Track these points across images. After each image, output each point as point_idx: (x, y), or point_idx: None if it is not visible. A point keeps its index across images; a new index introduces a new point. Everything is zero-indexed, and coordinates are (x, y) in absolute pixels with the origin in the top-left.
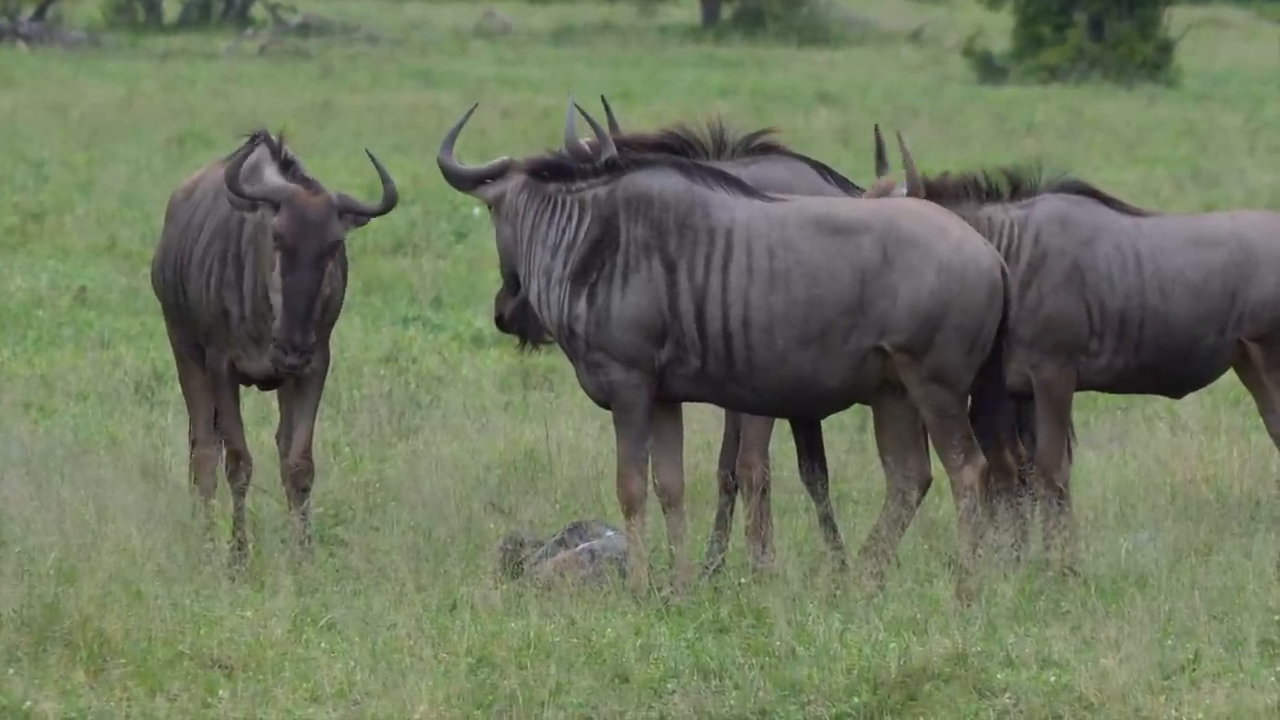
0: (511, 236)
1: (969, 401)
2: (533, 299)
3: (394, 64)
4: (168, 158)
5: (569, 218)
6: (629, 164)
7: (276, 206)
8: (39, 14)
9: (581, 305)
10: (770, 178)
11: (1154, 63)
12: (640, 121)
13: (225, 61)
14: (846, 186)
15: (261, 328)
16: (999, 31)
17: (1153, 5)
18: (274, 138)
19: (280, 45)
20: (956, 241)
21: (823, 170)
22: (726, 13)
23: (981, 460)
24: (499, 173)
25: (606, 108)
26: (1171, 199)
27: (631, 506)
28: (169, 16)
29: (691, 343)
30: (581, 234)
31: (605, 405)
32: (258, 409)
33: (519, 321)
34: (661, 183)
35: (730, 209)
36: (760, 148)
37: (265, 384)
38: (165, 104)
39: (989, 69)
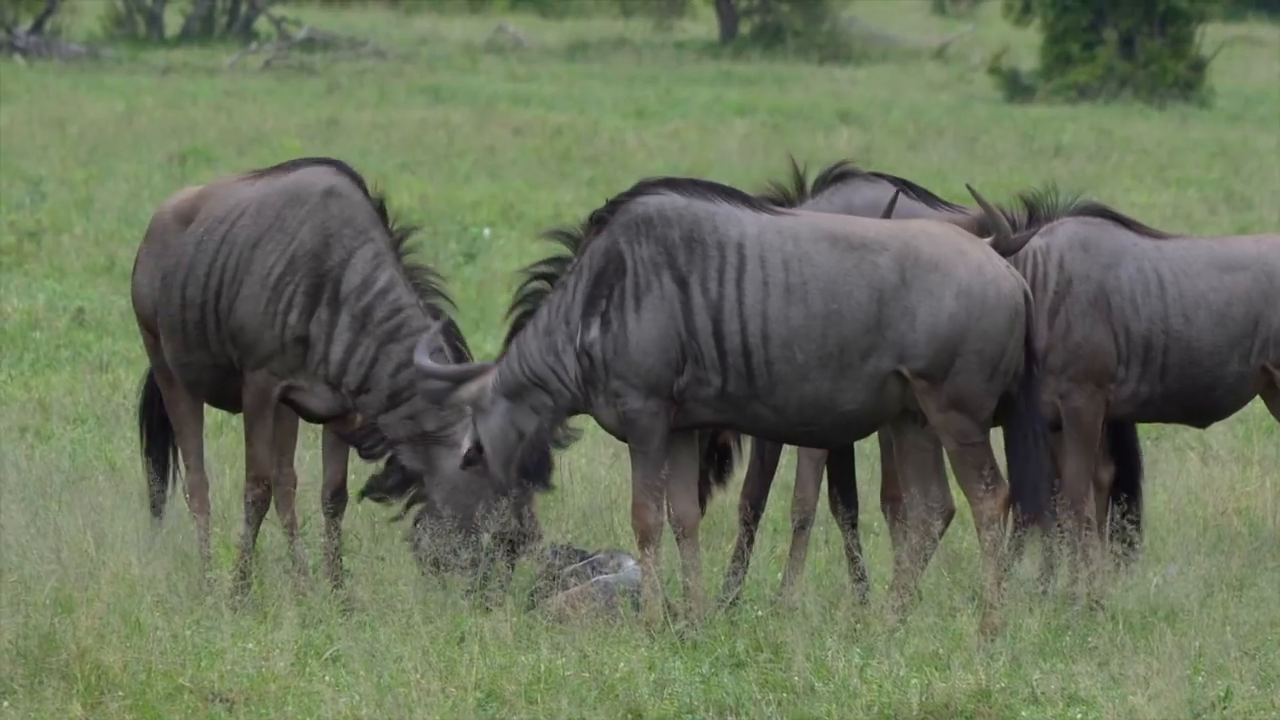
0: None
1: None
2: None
3: (402, 80)
4: (169, 175)
5: (565, 288)
6: (617, 203)
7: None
8: (37, 26)
9: (595, 333)
10: (855, 203)
11: (1186, 81)
12: (655, 140)
13: (228, 76)
14: (930, 201)
15: (344, 381)
16: (1026, 49)
17: (1185, 22)
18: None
19: (285, 60)
20: (977, 265)
21: (905, 187)
22: (745, 28)
23: (1005, 490)
24: (477, 373)
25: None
26: (1204, 222)
27: (647, 537)
28: (171, 30)
29: (711, 361)
30: (582, 285)
31: (623, 437)
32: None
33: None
34: (659, 201)
35: (739, 222)
36: (838, 176)
37: (320, 419)
38: (166, 120)
39: (1016, 87)
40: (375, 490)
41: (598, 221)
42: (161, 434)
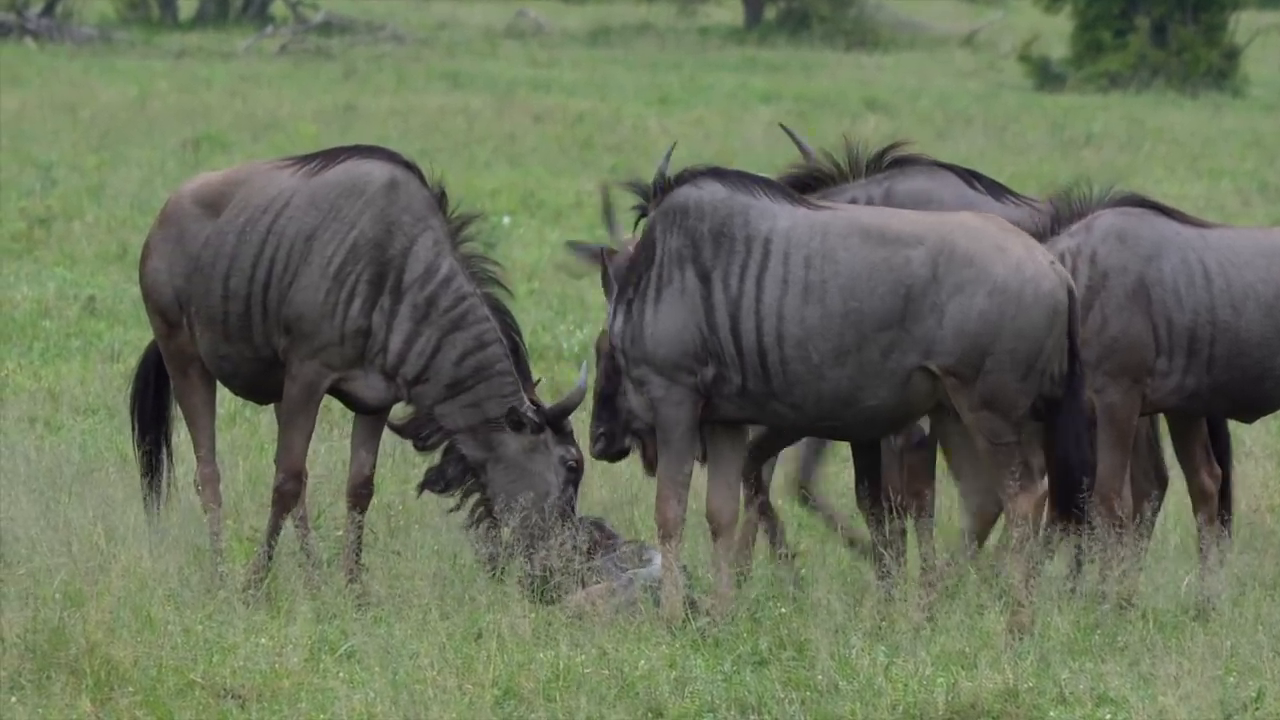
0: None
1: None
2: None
3: (421, 65)
4: (182, 161)
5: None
6: (676, 181)
7: (568, 436)
8: (48, 9)
9: (619, 321)
10: (911, 190)
11: (1220, 70)
12: (679, 128)
13: (243, 61)
14: (997, 193)
15: (401, 371)
16: (1057, 36)
17: (1219, 10)
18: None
19: (301, 44)
20: (1015, 262)
21: (970, 178)
22: (770, 13)
23: (1039, 489)
24: None
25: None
26: (1237, 214)
27: (667, 531)
28: (185, 13)
29: (730, 358)
30: (622, 271)
31: (652, 429)
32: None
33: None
34: (700, 193)
35: (772, 217)
36: (896, 161)
37: (369, 410)
38: (180, 105)
39: (1046, 75)
40: (436, 483)
41: (655, 195)
42: (155, 424)
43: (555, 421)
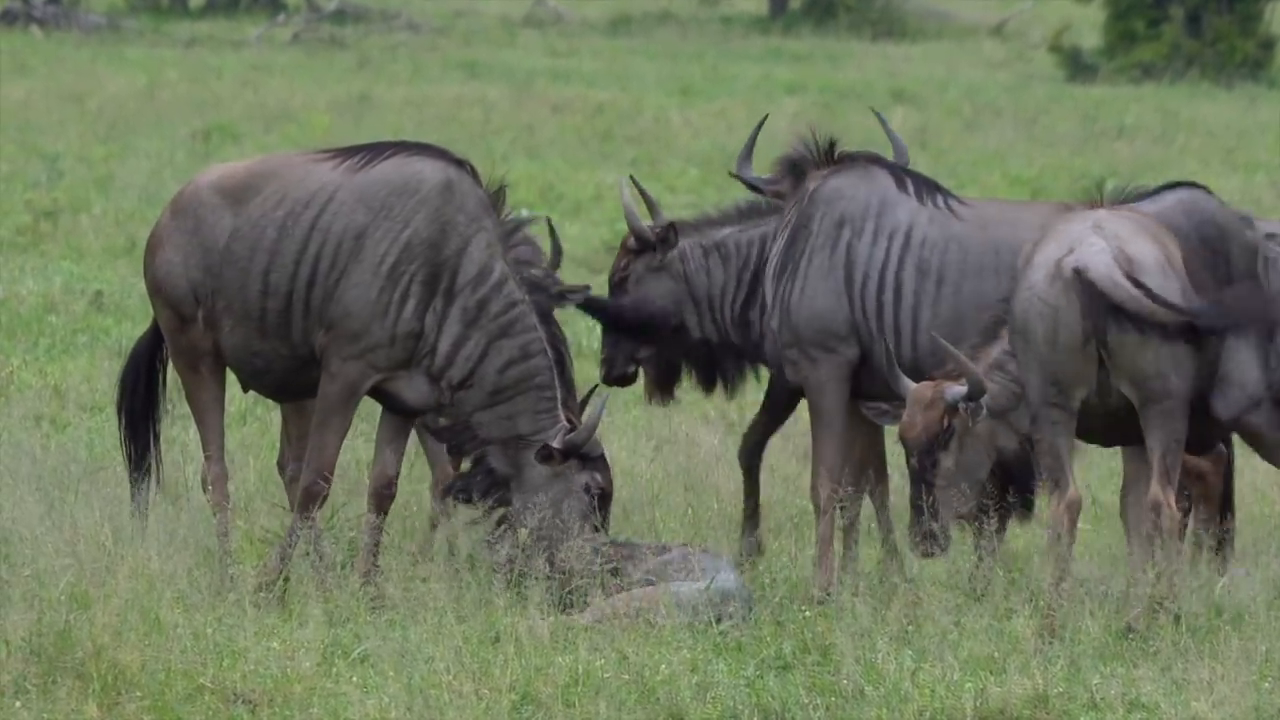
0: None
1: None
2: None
3: (437, 54)
4: (192, 153)
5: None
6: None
7: (597, 462)
8: None
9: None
10: (834, 188)
11: (1255, 61)
12: (701, 120)
13: (255, 50)
14: (925, 193)
15: (448, 374)
16: (1089, 26)
17: None
18: None
19: (314, 33)
20: (1022, 264)
21: (901, 177)
22: (795, 2)
23: (1071, 497)
24: None
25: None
26: (1273, 208)
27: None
28: (195, 0)
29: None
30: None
31: None
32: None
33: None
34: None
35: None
36: (843, 157)
37: (411, 412)
38: (190, 95)
39: (1078, 66)
40: (462, 490)
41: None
42: (144, 423)
43: (570, 453)
